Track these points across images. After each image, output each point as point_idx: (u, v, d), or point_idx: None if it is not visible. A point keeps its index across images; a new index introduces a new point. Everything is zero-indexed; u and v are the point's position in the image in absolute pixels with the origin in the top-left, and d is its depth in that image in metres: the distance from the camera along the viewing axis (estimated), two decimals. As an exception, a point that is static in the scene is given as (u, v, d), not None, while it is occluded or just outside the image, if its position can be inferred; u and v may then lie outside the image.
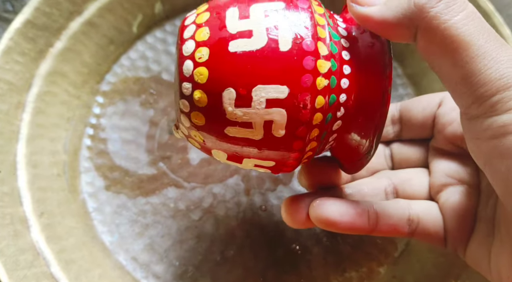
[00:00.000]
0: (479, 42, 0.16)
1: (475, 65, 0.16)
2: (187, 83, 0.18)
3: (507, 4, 0.37)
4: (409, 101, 0.27)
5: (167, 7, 0.36)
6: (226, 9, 0.19)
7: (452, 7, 0.17)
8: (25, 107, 0.30)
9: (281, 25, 0.18)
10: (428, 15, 0.17)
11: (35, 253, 0.27)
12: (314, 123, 0.19)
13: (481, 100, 0.16)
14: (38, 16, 0.31)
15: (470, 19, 0.17)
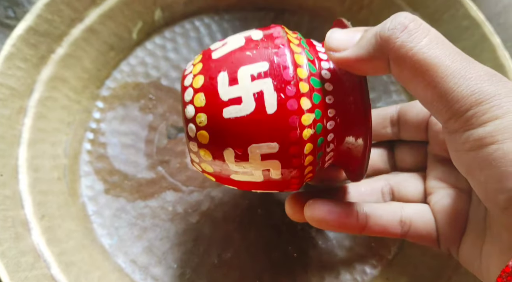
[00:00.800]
0: (446, 63, 0.17)
1: (446, 84, 0.17)
2: (192, 143, 0.21)
3: (498, 13, 0.38)
4: (407, 104, 0.28)
5: (167, 14, 0.37)
6: (217, 74, 0.20)
7: (415, 35, 0.18)
8: (26, 112, 0.31)
9: (266, 89, 0.20)
10: (395, 45, 0.18)
11: (36, 255, 0.28)
12: (306, 164, 0.21)
13: (457, 115, 0.17)
14: (40, 23, 0.32)
15: (434, 43, 0.18)
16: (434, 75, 0.17)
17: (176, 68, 0.36)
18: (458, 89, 0.17)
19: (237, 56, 0.21)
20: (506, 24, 0.37)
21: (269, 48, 0.20)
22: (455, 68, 0.17)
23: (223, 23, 0.37)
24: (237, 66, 0.20)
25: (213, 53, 0.22)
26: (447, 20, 0.32)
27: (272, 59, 0.20)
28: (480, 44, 0.31)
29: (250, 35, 0.22)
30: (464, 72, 0.17)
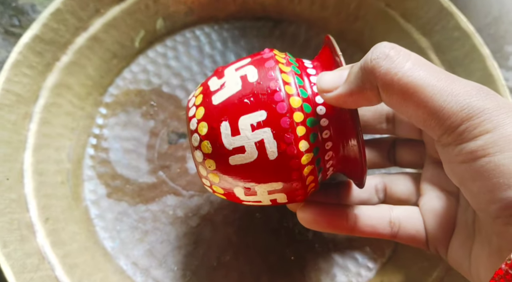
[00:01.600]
0: (432, 82, 0.18)
1: (435, 102, 0.18)
2: (205, 179, 0.24)
3: (488, 24, 0.39)
4: None
5: (168, 23, 0.38)
6: (220, 124, 0.22)
7: (398, 60, 0.19)
8: (32, 117, 0.32)
9: (266, 138, 0.21)
10: (380, 74, 0.19)
11: (40, 257, 0.28)
12: (308, 189, 0.23)
13: (450, 131, 0.18)
14: (46, 32, 0.33)
15: (417, 66, 0.19)
16: (422, 96, 0.18)
17: (177, 76, 0.37)
18: (447, 106, 0.18)
19: (236, 105, 0.22)
20: (495, 35, 0.39)
21: (266, 94, 0.22)
22: (441, 87, 0.18)
23: (222, 32, 0.39)
24: (238, 116, 0.22)
25: (213, 97, 0.23)
26: (439, 31, 0.33)
27: (269, 108, 0.21)
28: (470, 54, 0.32)
29: (246, 75, 0.22)
30: (451, 89, 0.18)
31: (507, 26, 0.39)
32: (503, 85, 0.31)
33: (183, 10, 0.38)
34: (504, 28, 0.39)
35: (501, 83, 0.31)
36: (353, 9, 0.36)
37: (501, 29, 0.39)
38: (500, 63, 0.38)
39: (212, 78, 0.24)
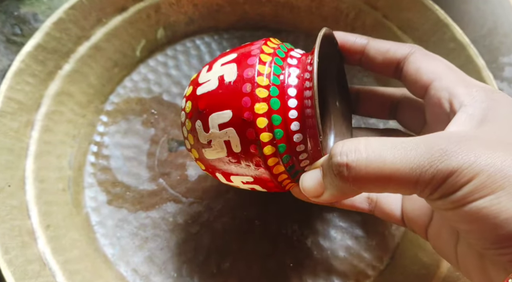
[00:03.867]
0: (397, 161, 0.19)
1: (408, 178, 0.18)
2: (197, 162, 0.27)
3: (483, 36, 0.40)
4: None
5: (169, 33, 0.38)
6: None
7: (356, 159, 0.19)
8: (34, 125, 0.32)
9: (232, 136, 0.23)
10: (349, 181, 0.20)
11: (41, 264, 0.29)
12: (280, 180, 0.24)
13: (432, 192, 0.18)
14: (49, 41, 0.33)
15: (372, 151, 0.19)
16: (399, 177, 0.18)
17: (177, 85, 0.37)
18: (419, 177, 0.18)
19: (210, 102, 0.24)
20: (490, 46, 0.39)
21: (235, 97, 0.23)
22: (406, 161, 0.18)
23: (222, 41, 0.39)
24: (209, 114, 0.23)
25: (197, 91, 0.25)
26: (435, 42, 0.34)
27: (236, 109, 0.22)
28: (466, 65, 0.33)
29: (223, 75, 0.24)
30: (416, 153, 0.18)
31: (502, 38, 0.40)
32: (497, 95, 0.32)
33: (184, 20, 0.38)
34: (498, 40, 0.40)
35: (496, 93, 0.32)
36: (351, 20, 0.37)
37: (496, 40, 0.40)
38: (495, 74, 0.38)
39: (202, 70, 0.26)
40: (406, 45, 0.26)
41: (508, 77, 0.38)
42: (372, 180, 0.19)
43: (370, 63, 0.27)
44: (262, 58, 0.23)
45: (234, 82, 0.23)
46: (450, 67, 0.25)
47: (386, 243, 0.33)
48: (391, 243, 0.33)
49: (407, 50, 0.26)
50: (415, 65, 0.25)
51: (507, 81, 0.38)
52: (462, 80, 0.23)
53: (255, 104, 0.22)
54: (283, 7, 0.38)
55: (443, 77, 0.24)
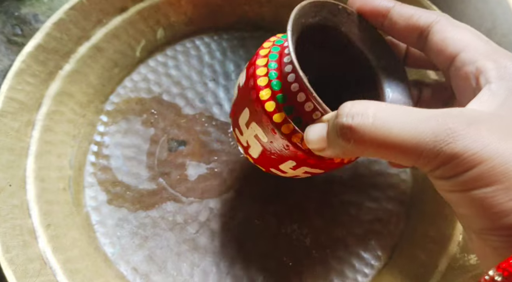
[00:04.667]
0: (407, 128, 0.18)
1: (416, 149, 0.18)
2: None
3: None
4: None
5: (168, 33, 0.38)
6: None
7: (362, 121, 0.19)
8: (34, 125, 0.32)
9: (258, 133, 0.25)
10: (353, 142, 0.19)
11: (42, 263, 0.29)
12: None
13: (438, 168, 0.18)
14: (49, 41, 0.33)
15: (384, 114, 0.19)
16: (402, 149, 0.18)
17: (177, 85, 0.38)
18: (426, 150, 0.18)
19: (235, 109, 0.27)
20: (488, 46, 0.40)
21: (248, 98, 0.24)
22: (417, 129, 0.18)
23: (222, 42, 0.39)
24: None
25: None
26: (433, 42, 0.34)
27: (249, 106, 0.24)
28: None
29: (239, 82, 0.26)
30: (426, 128, 0.18)
31: (500, 38, 0.40)
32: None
33: (183, 21, 0.38)
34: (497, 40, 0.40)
35: (494, 93, 0.32)
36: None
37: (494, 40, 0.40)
38: (493, 74, 0.39)
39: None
40: (432, 12, 0.24)
41: (506, 77, 0.39)
42: (375, 146, 0.19)
43: (392, 29, 0.26)
44: (260, 53, 0.24)
45: (243, 84, 0.25)
46: (480, 37, 0.23)
47: (384, 242, 0.34)
48: (390, 242, 0.34)
49: (432, 18, 0.24)
50: (441, 34, 0.23)
51: (505, 81, 0.39)
52: (492, 52, 0.22)
53: (259, 92, 0.23)
54: (283, 8, 0.39)
55: (471, 48, 0.22)
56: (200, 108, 0.37)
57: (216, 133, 0.36)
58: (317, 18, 0.25)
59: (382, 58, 0.26)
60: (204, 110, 0.37)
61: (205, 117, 0.37)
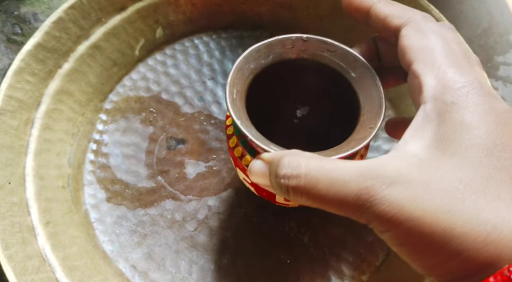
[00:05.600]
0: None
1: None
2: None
3: (478, 36, 0.40)
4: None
5: (167, 32, 0.39)
6: None
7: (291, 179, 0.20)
8: (34, 123, 0.33)
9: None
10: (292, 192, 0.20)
11: (41, 260, 0.29)
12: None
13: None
14: (48, 40, 0.33)
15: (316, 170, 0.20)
16: (329, 203, 0.19)
17: (176, 83, 0.38)
18: (349, 209, 0.19)
19: None
20: (485, 46, 0.40)
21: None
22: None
23: (220, 41, 0.40)
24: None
25: None
26: (430, 41, 0.35)
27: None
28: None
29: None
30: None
31: (497, 37, 0.40)
32: (492, 94, 0.32)
33: (182, 20, 0.39)
34: (494, 39, 0.40)
35: (490, 91, 0.32)
36: (348, 20, 0.37)
37: (491, 40, 0.40)
38: (490, 73, 0.39)
39: None
40: (406, 13, 0.24)
41: (503, 76, 0.39)
42: (309, 202, 0.20)
43: (375, 28, 0.25)
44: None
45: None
46: (443, 45, 0.22)
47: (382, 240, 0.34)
48: (387, 240, 0.34)
49: (402, 20, 0.23)
50: (402, 40, 0.23)
51: (502, 80, 0.39)
52: (445, 64, 0.21)
53: (229, 141, 0.27)
54: (281, 7, 0.39)
55: (424, 59, 0.21)
56: (199, 107, 0.37)
57: (214, 131, 0.36)
58: (271, 57, 0.26)
59: (354, 69, 0.26)
60: (203, 109, 0.37)
61: (203, 116, 0.37)
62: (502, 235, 0.17)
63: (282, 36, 0.26)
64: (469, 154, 0.18)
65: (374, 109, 0.24)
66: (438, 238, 0.17)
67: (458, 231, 0.17)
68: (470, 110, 0.19)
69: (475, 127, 0.18)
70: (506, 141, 0.18)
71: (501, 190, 0.18)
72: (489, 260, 0.17)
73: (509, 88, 0.39)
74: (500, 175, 0.18)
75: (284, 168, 0.20)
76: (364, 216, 0.19)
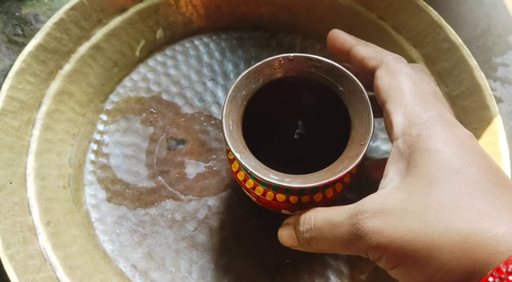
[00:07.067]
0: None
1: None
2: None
3: (476, 37, 0.40)
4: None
5: (168, 33, 0.39)
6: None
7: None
8: (35, 123, 0.33)
9: None
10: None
11: (42, 259, 0.29)
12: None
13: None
14: (50, 41, 0.34)
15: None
16: (334, 248, 0.24)
17: (176, 84, 0.38)
18: (349, 248, 0.23)
19: None
20: (483, 47, 0.40)
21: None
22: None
23: (221, 42, 0.40)
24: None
25: None
26: (429, 43, 0.35)
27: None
28: (459, 65, 0.33)
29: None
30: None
31: (495, 38, 0.41)
32: (490, 95, 0.32)
33: (182, 21, 0.39)
34: (492, 41, 0.41)
35: (488, 93, 0.32)
36: (347, 22, 0.38)
37: (489, 41, 0.41)
38: (488, 74, 0.39)
39: None
40: (379, 55, 0.26)
41: (501, 77, 0.39)
42: (322, 249, 0.24)
43: (355, 67, 0.28)
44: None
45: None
46: (410, 87, 0.24)
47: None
48: (386, 240, 0.34)
49: (376, 62, 0.26)
50: (376, 81, 0.25)
51: (500, 81, 0.39)
52: (412, 103, 0.23)
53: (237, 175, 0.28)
54: (281, 9, 0.39)
55: (394, 99, 0.24)
56: (199, 108, 0.37)
57: (214, 132, 0.37)
58: (261, 80, 0.27)
59: (341, 83, 0.27)
60: (203, 110, 0.37)
61: (203, 116, 0.37)
62: (477, 241, 0.18)
63: (269, 58, 0.27)
64: (438, 175, 0.20)
65: (364, 123, 0.26)
66: (422, 253, 0.19)
67: (437, 243, 0.19)
68: (434, 139, 0.21)
69: (440, 152, 0.21)
70: (469, 160, 0.21)
71: (473, 201, 0.19)
72: (470, 268, 0.18)
73: (507, 89, 0.39)
74: (470, 188, 0.20)
75: (301, 225, 0.24)
76: (361, 249, 0.21)
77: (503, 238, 0.18)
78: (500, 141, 0.31)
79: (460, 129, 0.23)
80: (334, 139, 0.29)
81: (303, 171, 0.26)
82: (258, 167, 0.25)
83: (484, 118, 0.32)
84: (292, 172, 0.26)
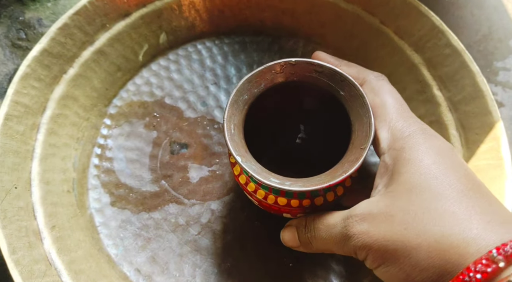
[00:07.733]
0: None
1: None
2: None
3: (477, 41, 0.41)
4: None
5: (171, 38, 0.39)
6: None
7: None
8: (39, 128, 0.33)
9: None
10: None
11: (47, 264, 0.29)
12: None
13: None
14: (54, 46, 0.34)
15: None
16: (329, 249, 0.26)
17: (179, 88, 0.38)
18: (340, 248, 0.25)
19: None
20: (485, 51, 0.40)
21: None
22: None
23: (223, 46, 0.40)
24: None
25: None
26: (431, 48, 0.35)
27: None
28: (461, 70, 0.34)
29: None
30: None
31: (496, 43, 0.41)
32: (492, 100, 0.33)
33: (185, 25, 0.39)
34: (493, 45, 0.41)
35: (490, 98, 0.33)
36: (349, 26, 0.38)
37: (491, 46, 0.41)
38: (490, 78, 0.39)
39: None
40: (361, 74, 0.28)
41: (502, 82, 0.39)
42: (321, 249, 0.27)
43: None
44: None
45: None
46: (392, 104, 0.26)
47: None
48: (388, 244, 0.34)
49: (358, 82, 0.28)
50: None
51: (501, 86, 0.39)
52: (395, 118, 0.25)
53: (238, 178, 0.29)
54: (283, 13, 0.39)
55: (378, 115, 0.26)
56: (202, 112, 0.38)
57: (217, 136, 0.37)
58: (262, 85, 0.28)
59: (342, 88, 0.28)
60: (206, 114, 0.38)
61: (206, 120, 0.37)
62: (449, 243, 0.20)
63: (271, 63, 0.28)
64: (418, 181, 0.22)
65: (364, 128, 0.26)
66: (401, 252, 0.21)
67: (414, 244, 0.21)
68: (415, 150, 0.24)
69: (420, 161, 0.23)
70: (447, 167, 0.23)
71: (449, 204, 0.21)
72: (443, 267, 0.20)
73: (508, 93, 0.39)
74: (447, 192, 0.22)
75: (303, 226, 0.27)
76: (350, 248, 0.24)
77: (474, 240, 0.20)
78: (502, 147, 0.32)
79: (440, 141, 0.25)
80: (335, 143, 0.29)
81: (304, 174, 0.26)
82: (259, 170, 0.26)
83: (486, 124, 0.32)
84: (293, 176, 0.26)
